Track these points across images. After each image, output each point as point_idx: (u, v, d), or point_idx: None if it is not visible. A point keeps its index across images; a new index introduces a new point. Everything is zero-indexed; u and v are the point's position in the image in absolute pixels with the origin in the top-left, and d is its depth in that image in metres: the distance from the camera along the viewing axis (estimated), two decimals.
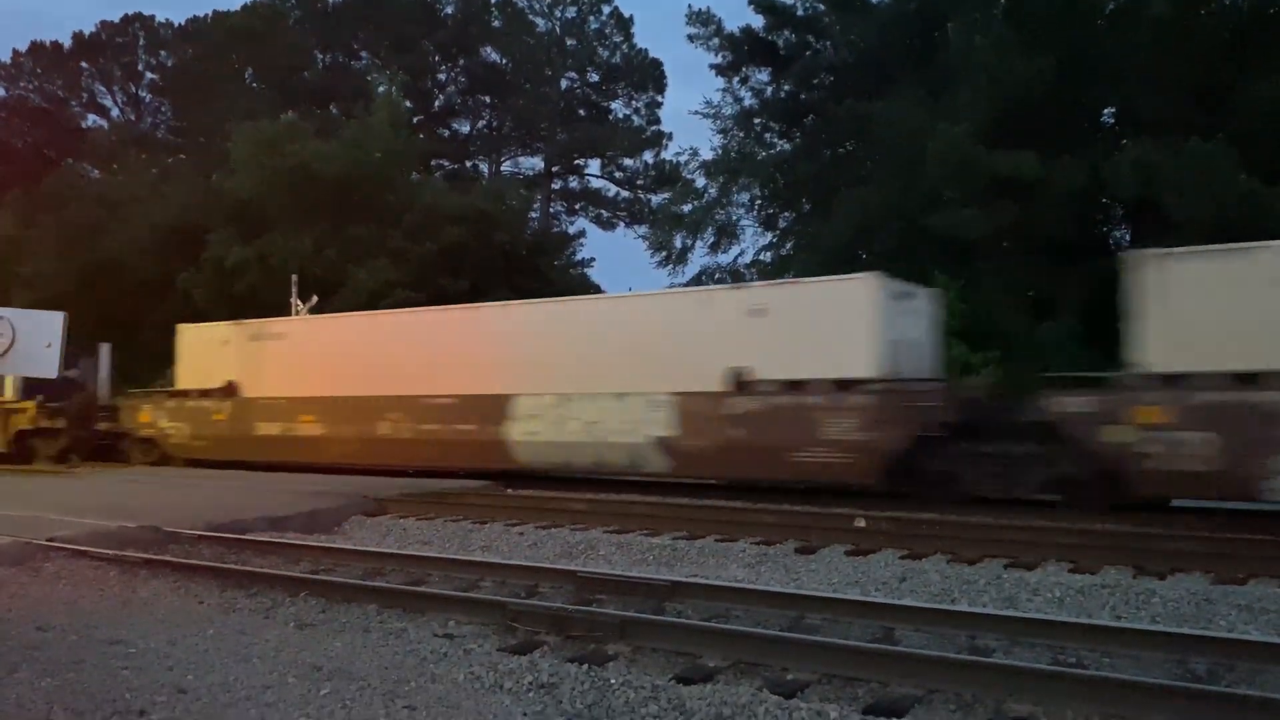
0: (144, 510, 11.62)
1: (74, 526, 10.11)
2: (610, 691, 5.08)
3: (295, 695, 5.00)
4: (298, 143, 31.10)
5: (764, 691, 5.08)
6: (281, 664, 5.57)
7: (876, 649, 5.64)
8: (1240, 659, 5.53)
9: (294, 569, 8.74)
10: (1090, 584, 7.97)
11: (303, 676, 5.31)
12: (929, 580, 8.32)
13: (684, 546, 10.09)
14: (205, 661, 5.62)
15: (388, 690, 5.07)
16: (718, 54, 28.93)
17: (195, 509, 11.89)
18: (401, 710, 4.79)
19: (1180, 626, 6.59)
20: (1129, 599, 7.51)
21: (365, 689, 5.09)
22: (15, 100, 46.66)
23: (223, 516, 11.24)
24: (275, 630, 6.50)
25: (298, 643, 6.10)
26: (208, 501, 12.96)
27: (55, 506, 11.93)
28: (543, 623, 6.37)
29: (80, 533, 9.73)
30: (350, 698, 4.96)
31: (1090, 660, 5.69)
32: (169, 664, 5.56)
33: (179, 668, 5.49)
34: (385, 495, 13.48)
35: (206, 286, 30.58)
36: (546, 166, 50.11)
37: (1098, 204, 22.35)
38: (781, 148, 28.42)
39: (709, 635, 5.97)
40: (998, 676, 5.11)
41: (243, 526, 10.91)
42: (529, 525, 11.64)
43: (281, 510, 11.98)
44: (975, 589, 7.98)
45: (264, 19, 44.03)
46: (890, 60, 24.25)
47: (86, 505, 12.14)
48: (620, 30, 48.21)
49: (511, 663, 5.57)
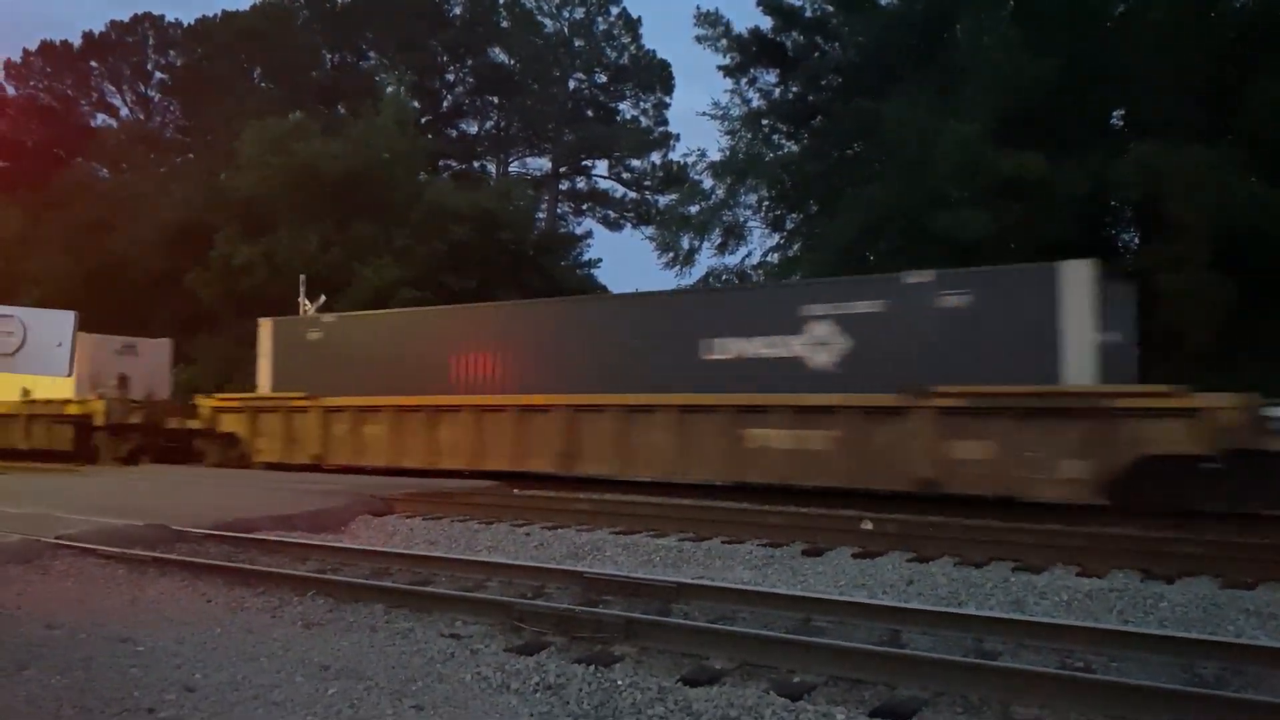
0: (152, 509, 11.65)
1: (82, 525, 10.15)
2: (617, 693, 5.09)
3: (303, 694, 5.02)
4: (305, 142, 31.19)
5: (771, 694, 5.08)
6: (289, 663, 5.59)
7: (883, 651, 5.63)
8: (1248, 664, 5.52)
9: (301, 568, 8.76)
10: (1098, 588, 7.96)
11: (310, 676, 5.33)
12: (936, 583, 8.31)
13: (690, 548, 10.10)
14: (213, 660, 5.64)
15: (395, 690, 5.09)
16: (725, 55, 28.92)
17: (203, 508, 11.92)
18: (409, 710, 4.80)
19: (1188, 631, 6.57)
20: (1137, 603, 7.49)
21: (372, 688, 5.10)
22: (25, 99, 46.80)
23: (230, 515, 11.27)
24: (283, 629, 6.51)
25: (305, 642, 6.11)
26: (215, 500, 12.99)
27: (63, 504, 11.97)
28: (549, 623, 6.38)
29: (88, 531, 9.77)
30: (357, 697, 4.97)
31: (1097, 664, 5.68)
32: (177, 662, 5.58)
33: (187, 666, 5.51)
34: (392, 495, 13.51)
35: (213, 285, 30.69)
36: (554, 167, 50.12)
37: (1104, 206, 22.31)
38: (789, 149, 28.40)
39: (715, 637, 5.97)
40: (1005, 680, 5.10)
41: (250, 525, 10.93)
42: (535, 526, 11.65)
43: (289, 509, 12.01)
44: (982, 592, 7.96)
45: (272, 19, 44.16)
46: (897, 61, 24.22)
47: (95, 503, 12.18)
48: (628, 31, 48.23)
49: (518, 663, 5.58)
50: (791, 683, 5.31)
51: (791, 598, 7.17)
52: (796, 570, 9.03)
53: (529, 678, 5.30)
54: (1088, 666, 5.62)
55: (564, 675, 5.33)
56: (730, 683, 5.35)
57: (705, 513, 12.38)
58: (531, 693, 5.12)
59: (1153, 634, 6.16)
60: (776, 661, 5.59)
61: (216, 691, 5.06)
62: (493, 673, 5.39)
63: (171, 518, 10.74)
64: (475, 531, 11.48)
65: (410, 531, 11.64)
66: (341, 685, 5.15)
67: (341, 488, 14.34)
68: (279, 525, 11.31)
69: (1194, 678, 5.41)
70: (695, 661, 5.70)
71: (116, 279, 32.91)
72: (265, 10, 44.88)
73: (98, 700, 4.89)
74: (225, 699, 4.95)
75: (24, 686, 5.10)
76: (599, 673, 5.40)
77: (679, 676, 5.40)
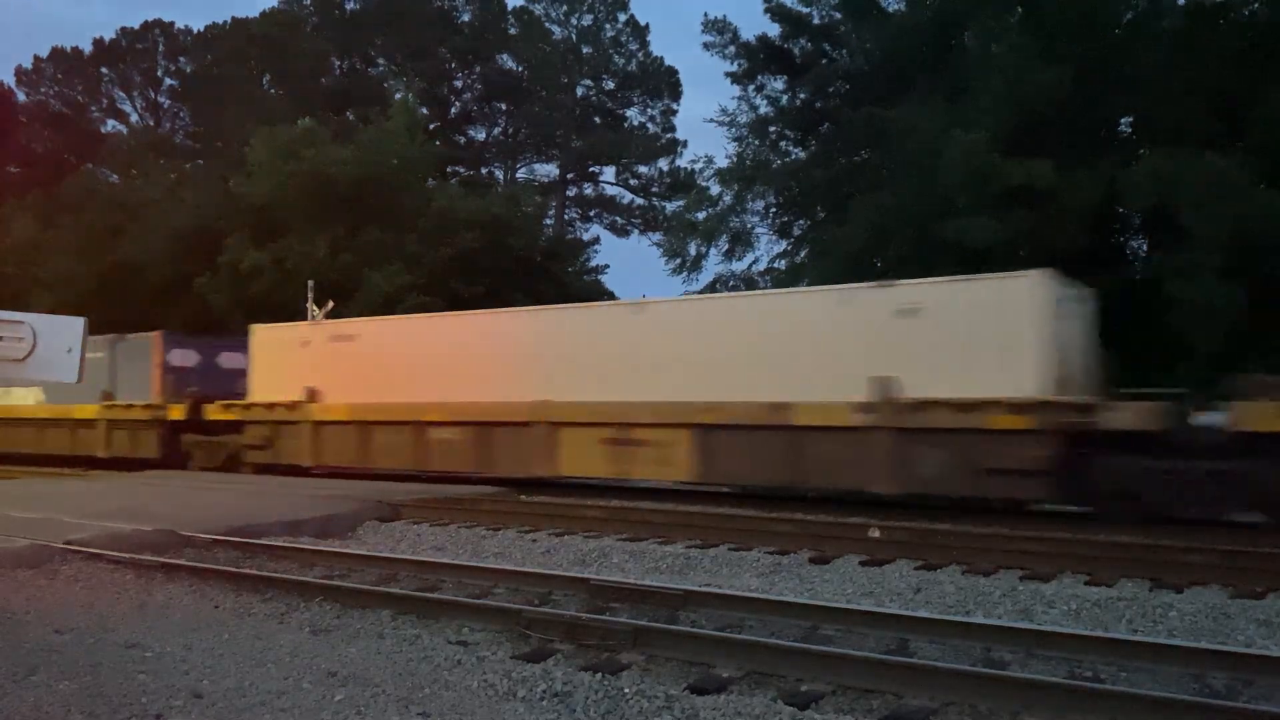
0: (160, 514, 11.68)
1: (90, 530, 10.18)
2: (624, 701, 5.08)
3: (310, 701, 5.02)
4: (315, 148, 31.26)
5: (778, 703, 5.07)
6: (296, 669, 5.60)
7: (891, 660, 5.61)
8: (1259, 674, 5.48)
9: (309, 574, 8.77)
10: (1106, 596, 7.92)
11: (317, 682, 5.33)
12: (944, 591, 8.28)
13: (697, 555, 10.08)
14: (221, 666, 5.65)
15: (402, 697, 5.09)
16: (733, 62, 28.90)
17: (211, 513, 11.95)
18: (415, 717, 4.80)
19: (1198, 640, 6.53)
20: (1146, 612, 7.45)
21: (379, 695, 5.11)
22: (36, 105, 47.15)
23: (238, 521, 11.30)
24: (290, 635, 6.52)
25: (312, 648, 6.12)
26: (223, 506, 13.01)
27: (72, 510, 12.02)
28: (556, 630, 6.37)
29: (97, 536, 9.80)
30: (364, 704, 4.97)
31: (1107, 674, 5.65)
32: (185, 668, 5.59)
33: (195, 672, 5.52)
34: (399, 500, 13.52)
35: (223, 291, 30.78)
36: (561, 173, 50.25)
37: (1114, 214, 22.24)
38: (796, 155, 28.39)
39: (723, 645, 5.96)
40: (1013, 689, 5.08)
41: (258, 531, 10.95)
42: (542, 532, 11.65)
43: (296, 515, 12.02)
44: (990, 600, 7.93)
45: (282, 25, 44.38)
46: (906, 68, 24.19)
47: (103, 509, 12.22)
48: (636, 38, 48.37)
49: (525, 670, 5.57)
50: (799, 691, 5.30)
51: (799, 606, 7.16)
52: (804, 578, 9.01)
53: (536, 685, 5.30)
54: (1097, 676, 5.60)
55: (571, 683, 5.32)
56: (737, 691, 5.34)
57: (712, 520, 12.35)
58: (538, 700, 5.11)
59: (1163, 644, 6.12)
60: (784, 670, 5.58)
61: (224, 698, 5.06)
62: (499, 680, 5.39)
63: (180, 523, 10.77)
64: (482, 537, 11.49)
65: (417, 537, 11.65)
66: (348, 692, 5.15)
67: (350, 493, 14.35)
68: (287, 530, 11.33)
69: (1205, 688, 5.38)
70: (703, 670, 5.69)
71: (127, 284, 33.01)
72: (275, 17, 45.13)
73: (106, 706, 4.90)
74: (233, 705, 4.96)
75: (32, 691, 5.11)
76: (606, 680, 5.39)
77: (686, 684, 5.40)
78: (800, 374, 13.85)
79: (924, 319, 13.07)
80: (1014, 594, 8.09)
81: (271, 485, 16.28)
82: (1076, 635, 6.29)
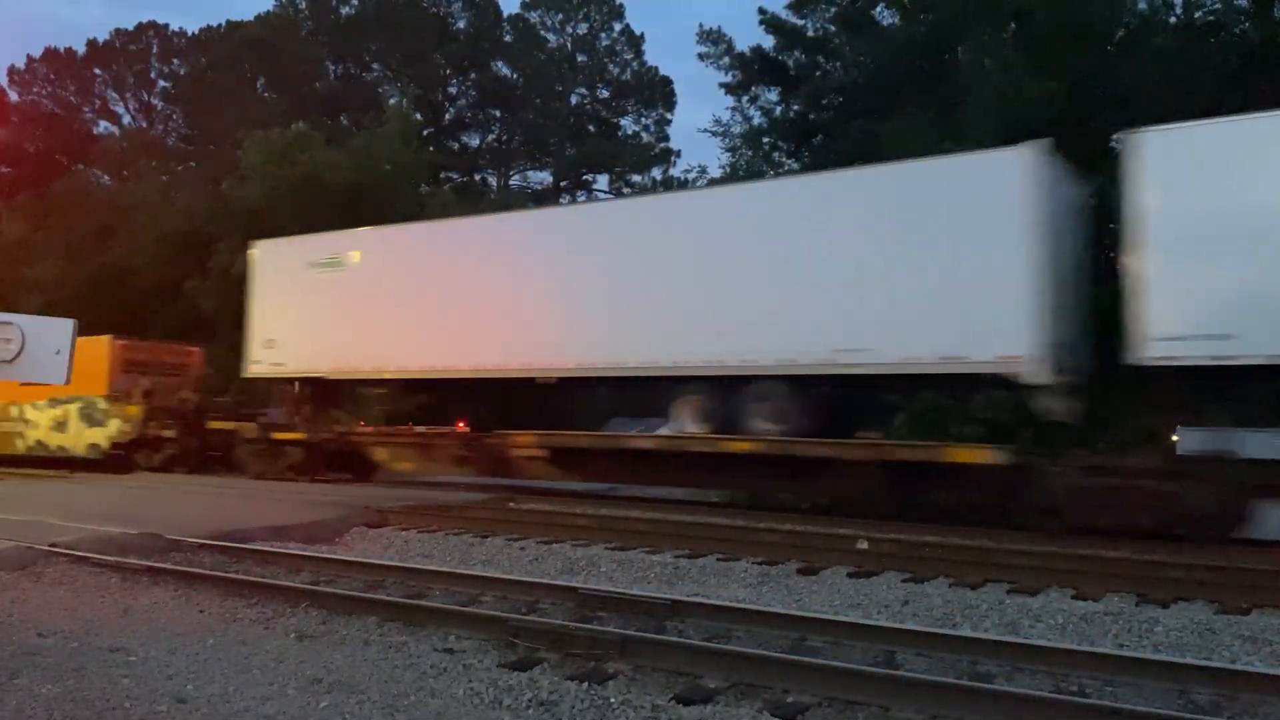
0: (146, 517, 11.62)
1: (76, 532, 10.12)
2: (610, 710, 5.07)
3: (295, 707, 5.00)
4: (308, 152, 31.23)
5: (764, 714, 5.07)
6: (282, 675, 5.57)
7: (878, 673, 5.62)
8: (1243, 690, 5.50)
9: (295, 579, 8.73)
10: (1093, 611, 7.94)
11: (303, 689, 5.31)
12: (931, 604, 8.29)
13: (685, 564, 10.08)
14: (205, 671, 5.62)
15: (387, 704, 5.07)
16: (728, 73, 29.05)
17: (197, 517, 11.90)
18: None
19: (1183, 656, 6.56)
20: (1132, 627, 7.48)
21: (365, 702, 5.09)
22: (28, 105, 46.95)
23: (225, 525, 11.25)
24: (276, 641, 6.49)
25: (298, 654, 6.09)
26: (210, 510, 12.97)
27: (57, 512, 11.94)
28: (543, 639, 6.35)
29: (82, 539, 9.74)
30: (350, 711, 4.95)
31: (1092, 688, 5.66)
32: (169, 673, 5.56)
33: (179, 677, 5.49)
34: (387, 507, 13.48)
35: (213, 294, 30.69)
36: (555, 181, 50.26)
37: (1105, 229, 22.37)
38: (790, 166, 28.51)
39: (710, 655, 5.95)
40: (999, 703, 5.09)
41: (245, 535, 10.89)
42: (531, 540, 11.62)
43: (284, 520, 11.99)
44: (978, 613, 7.95)
45: (276, 29, 44.35)
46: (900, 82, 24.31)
47: (88, 511, 12.15)
48: (631, 47, 48.51)
49: (511, 679, 5.56)
50: (786, 703, 5.30)
51: (786, 617, 7.16)
52: (791, 589, 9.01)
53: (522, 694, 5.28)
54: (1082, 690, 5.61)
55: (557, 692, 5.31)
56: (724, 702, 5.33)
57: (701, 529, 12.36)
58: (524, 709, 5.10)
59: (1148, 659, 6.15)
60: (771, 681, 5.57)
61: (208, 703, 5.04)
62: (485, 688, 5.38)
63: (166, 527, 10.72)
64: (470, 545, 11.45)
65: (405, 544, 11.61)
66: (334, 699, 5.13)
67: (338, 499, 14.31)
68: (274, 536, 11.27)
69: (1189, 704, 5.40)
70: (689, 680, 5.68)
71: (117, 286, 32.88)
72: (270, 21, 45.08)
73: (89, 710, 4.87)
74: (217, 711, 4.93)
75: (14, 695, 5.08)
76: (592, 690, 5.38)
77: (673, 695, 5.39)
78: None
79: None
80: (1001, 607, 8.10)
81: (259, 490, 16.22)
82: (1063, 649, 6.30)
